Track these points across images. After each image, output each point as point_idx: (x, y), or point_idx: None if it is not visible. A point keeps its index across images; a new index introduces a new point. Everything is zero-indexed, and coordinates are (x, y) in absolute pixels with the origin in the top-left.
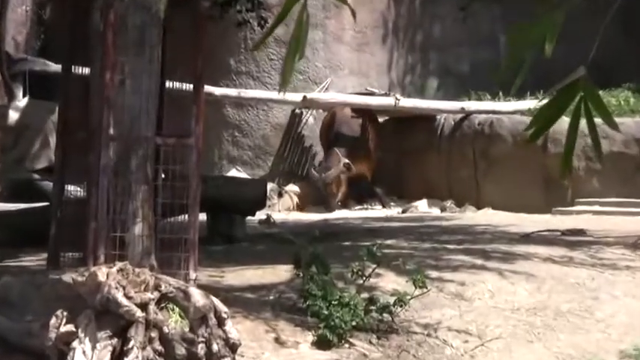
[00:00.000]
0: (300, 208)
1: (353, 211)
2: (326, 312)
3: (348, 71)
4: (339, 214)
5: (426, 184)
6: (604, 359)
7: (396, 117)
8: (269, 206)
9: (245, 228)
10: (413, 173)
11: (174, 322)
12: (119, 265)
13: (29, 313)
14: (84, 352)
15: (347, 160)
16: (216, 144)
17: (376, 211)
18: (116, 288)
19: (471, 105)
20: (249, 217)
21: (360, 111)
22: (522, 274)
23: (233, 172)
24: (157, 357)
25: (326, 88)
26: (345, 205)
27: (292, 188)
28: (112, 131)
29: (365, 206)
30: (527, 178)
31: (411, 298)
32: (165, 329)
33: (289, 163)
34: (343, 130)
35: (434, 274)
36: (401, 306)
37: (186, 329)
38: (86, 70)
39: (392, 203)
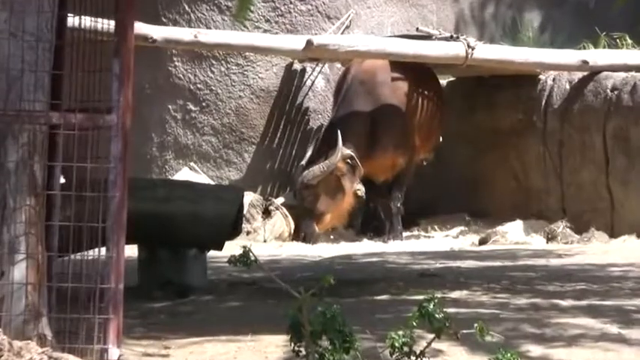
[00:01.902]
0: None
1: (395, 243)
2: None
3: None
4: (368, 247)
5: (519, 193)
6: None
7: (467, 77)
8: (247, 233)
9: (205, 271)
10: (497, 175)
11: None
12: None
13: None
14: None
15: (349, 151)
16: (155, 125)
17: (433, 242)
18: None
19: (598, 56)
20: (212, 253)
21: (405, 67)
22: None
23: (184, 174)
24: None
25: (347, 27)
26: (338, 232)
27: (288, 202)
28: None
29: (382, 238)
30: None
31: None
32: None
33: (283, 159)
34: (365, 97)
35: (536, 350)
36: None
37: None
38: None
39: (431, 233)
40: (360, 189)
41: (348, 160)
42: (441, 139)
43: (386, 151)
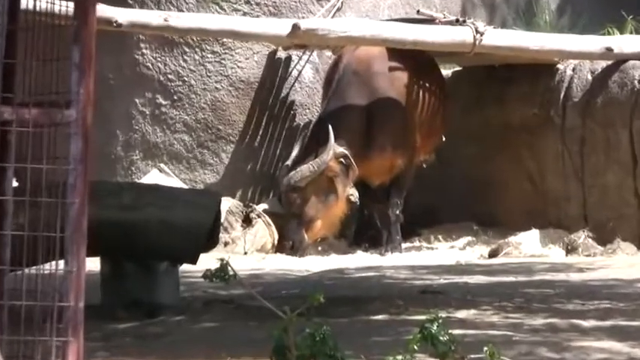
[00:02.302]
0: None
1: (393, 255)
2: None
3: None
4: (362, 260)
5: (535, 199)
6: None
7: (475, 66)
8: (225, 244)
9: (178, 287)
10: (509, 177)
11: None
12: None
13: None
14: None
15: (342, 149)
16: (121, 121)
17: (436, 254)
18: None
19: (625, 42)
20: (186, 267)
21: (404, 55)
22: None
23: (153, 177)
24: None
25: (338, 9)
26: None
27: (272, 208)
28: None
29: (379, 249)
30: None
31: None
32: None
33: (266, 160)
34: (359, 89)
35: None
36: None
37: None
38: None
39: (434, 244)
40: (354, 194)
41: (342, 160)
42: (443, 137)
43: (383, 150)
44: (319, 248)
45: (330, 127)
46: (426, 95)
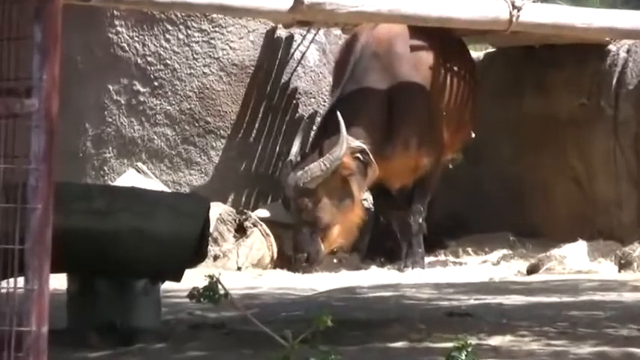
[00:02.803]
0: (289, 259)
1: (414, 271)
2: None
3: None
4: (378, 277)
5: (582, 205)
6: None
7: (512, 47)
8: (215, 257)
9: (159, 309)
10: (551, 180)
11: None
12: None
13: None
14: None
15: (358, 142)
16: (91, 112)
17: (465, 270)
18: None
19: None
20: (168, 285)
21: (429, 34)
22: None
23: (130, 178)
24: None
25: None
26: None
27: (271, 215)
28: None
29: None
30: None
31: None
32: None
33: (263, 158)
34: (380, 74)
35: None
36: None
37: None
38: None
39: (463, 259)
40: (367, 198)
41: (358, 155)
42: (473, 133)
43: (407, 147)
44: (335, 260)
45: (339, 115)
46: (455, 82)
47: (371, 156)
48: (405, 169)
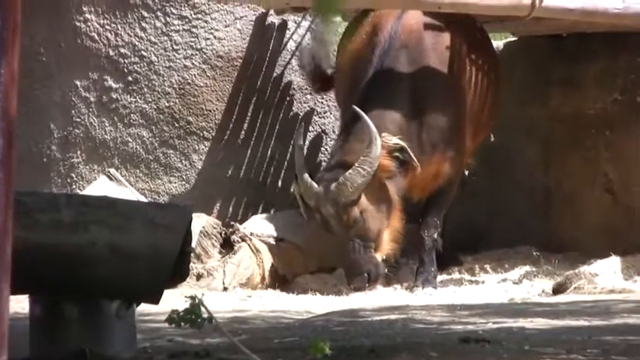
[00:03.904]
0: (282, 279)
1: (425, 291)
2: None
3: None
4: (384, 299)
5: (615, 215)
6: None
7: (536, 36)
8: (199, 276)
9: (134, 335)
10: (581, 187)
11: None
12: None
13: None
14: None
15: (396, 139)
16: (56, 111)
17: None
18: None
19: None
20: (145, 308)
21: (454, 21)
22: None
23: (101, 186)
24: None
25: None
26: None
27: (262, 228)
28: None
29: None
30: None
31: None
32: None
33: (252, 162)
34: (409, 69)
35: None
36: None
37: None
38: None
39: (480, 277)
40: None
41: (397, 154)
42: (492, 136)
43: (434, 151)
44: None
45: (359, 111)
46: (479, 78)
47: (412, 154)
48: (427, 177)
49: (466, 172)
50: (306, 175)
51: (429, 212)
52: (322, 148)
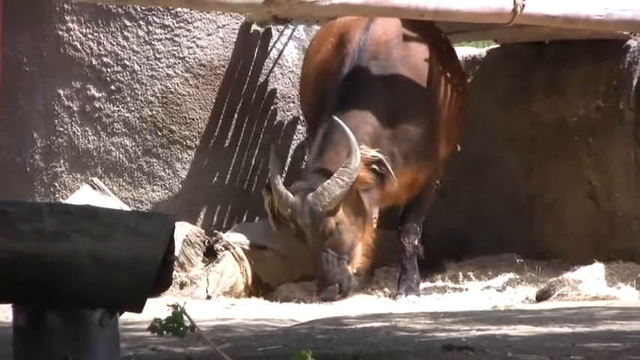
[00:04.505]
0: (266, 287)
1: (408, 299)
2: None
3: None
4: (366, 306)
5: (599, 222)
6: None
7: (518, 43)
8: (182, 285)
9: (117, 344)
10: (563, 194)
11: None
12: None
13: None
14: None
15: (374, 152)
16: (39, 120)
17: (466, 297)
18: None
19: None
20: (128, 316)
21: (422, 32)
22: None
23: (84, 195)
24: None
25: None
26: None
27: (246, 237)
28: None
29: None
30: None
31: None
32: None
33: (236, 171)
34: (379, 80)
35: None
36: None
37: None
38: None
39: (463, 284)
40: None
41: (374, 166)
42: (459, 146)
43: (408, 162)
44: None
45: (340, 122)
46: (448, 90)
47: (389, 167)
48: (401, 186)
49: (438, 182)
50: (281, 184)
51: (408, 219)
52: (305, 157)
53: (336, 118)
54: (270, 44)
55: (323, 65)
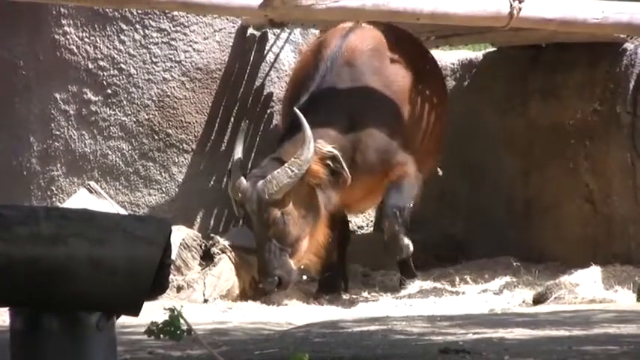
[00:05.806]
0: (263, 291)
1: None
2: None
3: None
4: (363, 311)
5: (596, 225)
6: None
7: (514, 47)
8: (179, 289)
9: (114, 347)
10: (560, 197)
11: None
12: None
13: None
14: None
15: (330, 147)
16: (36, 124)
17: (463, 300)
18: None
19: None
20: (125, 320)
21: (405, 47)
22: None
23: (80, 199)
24: None
25: None
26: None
27: (243, 240)
28: None
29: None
30: None
31: None
32: None
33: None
34: (348, 87)
35: None
36: None
37: None
38: None
39: (460, 287)
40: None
41: (329, 162)
42: (439, 170)
43: (368, 169)
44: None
45: (300, 115)
46: (424, 108)
47: (344, 164)
48: (362, 193)
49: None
50: (238, 169)
51: (388, 202)
52: None
53: (296, 110)
54: (267, 48)
55: (302, 69)
